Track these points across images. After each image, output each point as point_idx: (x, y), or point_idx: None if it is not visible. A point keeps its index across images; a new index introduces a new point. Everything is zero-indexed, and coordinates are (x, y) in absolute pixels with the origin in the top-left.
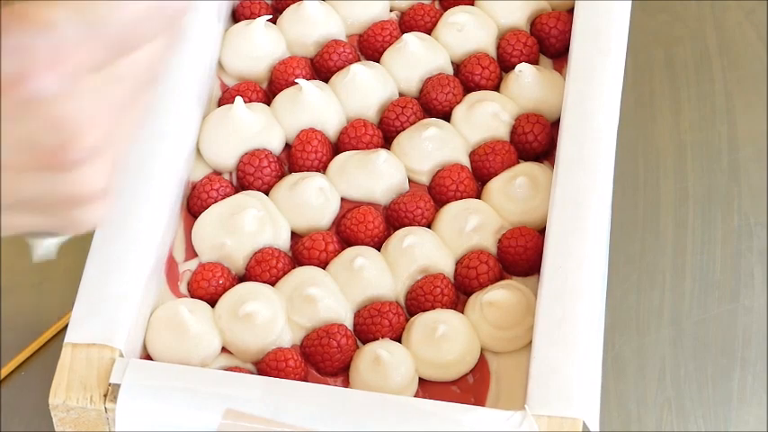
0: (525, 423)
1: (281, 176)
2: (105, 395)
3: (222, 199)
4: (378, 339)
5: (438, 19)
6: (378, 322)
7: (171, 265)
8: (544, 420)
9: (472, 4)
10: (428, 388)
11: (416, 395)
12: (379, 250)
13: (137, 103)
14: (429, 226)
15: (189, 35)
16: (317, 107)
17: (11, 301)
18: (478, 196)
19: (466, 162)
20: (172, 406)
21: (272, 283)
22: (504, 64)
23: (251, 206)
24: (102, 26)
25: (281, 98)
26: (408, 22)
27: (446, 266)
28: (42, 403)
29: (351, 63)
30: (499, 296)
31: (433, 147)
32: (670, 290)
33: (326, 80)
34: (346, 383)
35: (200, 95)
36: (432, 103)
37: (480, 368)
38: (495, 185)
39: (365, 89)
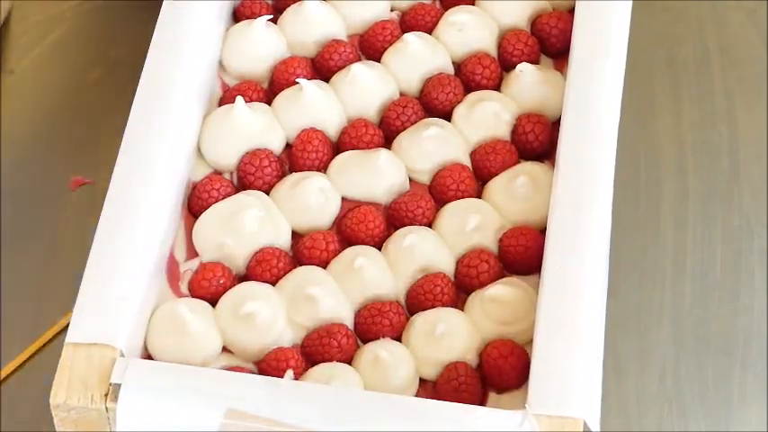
0: (526, 423)
1: (281, 176)
2: (106, 395)
3: (223, 199)
4: (378, 339)
5: (439, 19)
6: (378, 322)
7: (172, 265)
8: (545, 420)
9: (473, 4)
10: (429, 387)
11: (417, 395)
12: (379, 250)
13: None
14: (430, 225)
15: (190, 35)
16: (317, 107)
17: (11, 301)
18: (479, 196)
19: (467, 162)
20: (173, 406)
21: (273, 283)
22: (505, 64)
23: (252, 206)
24: None
25: (281, 98)
26: (409, 22)
27: (447, 266)
28: (42, 403)
29: (351, 63)
30: (501, 291)
31: (433, 146)
32: (670, 289)
33: (327, 80)
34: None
35: (201, 95)
36: (432, 102)
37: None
38: (495, 185)
39: (366, 89)
